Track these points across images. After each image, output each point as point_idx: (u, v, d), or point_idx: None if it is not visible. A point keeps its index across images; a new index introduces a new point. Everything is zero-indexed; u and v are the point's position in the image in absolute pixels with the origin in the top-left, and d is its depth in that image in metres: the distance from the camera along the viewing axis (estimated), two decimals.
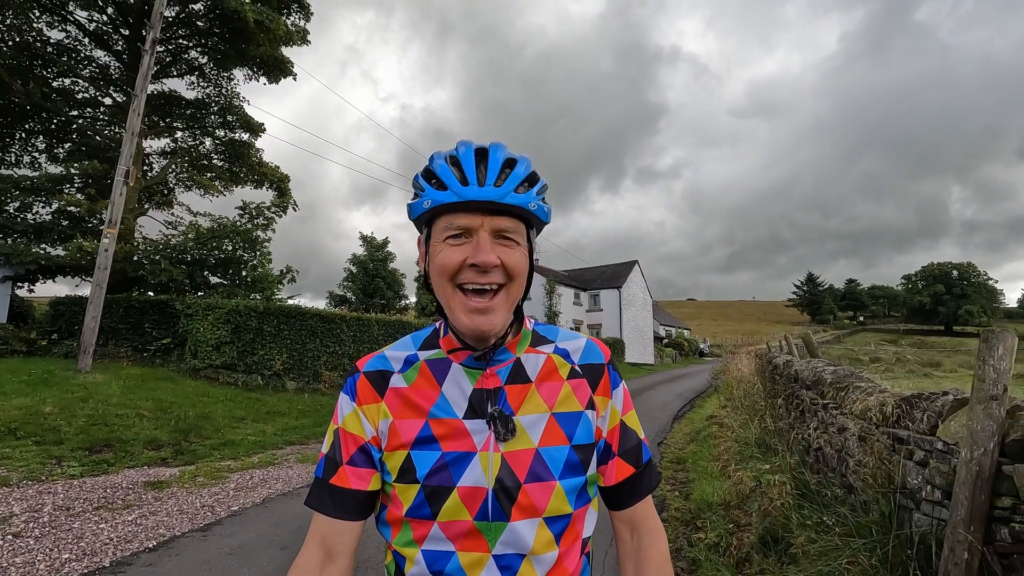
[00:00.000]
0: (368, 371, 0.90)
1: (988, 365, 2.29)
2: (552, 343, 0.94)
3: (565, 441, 0.85)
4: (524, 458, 0.83)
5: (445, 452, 0.82)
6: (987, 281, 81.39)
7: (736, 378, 11.78)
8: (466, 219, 0.79)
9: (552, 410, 0.87)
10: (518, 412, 0.85)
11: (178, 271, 12.82)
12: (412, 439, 0.84)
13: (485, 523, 0.81)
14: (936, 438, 2.68)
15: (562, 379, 0.90)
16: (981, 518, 2.19)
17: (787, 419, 5.80)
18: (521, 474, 0.82)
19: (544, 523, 0.82)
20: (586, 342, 0.96)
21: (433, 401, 0.86)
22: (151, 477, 6.02)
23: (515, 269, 0.81)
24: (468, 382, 0.87)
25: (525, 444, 0.83)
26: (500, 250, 0.80)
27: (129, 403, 8.38)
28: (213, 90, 16.00)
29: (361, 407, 0.88)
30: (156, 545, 4.15)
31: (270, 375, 11.84)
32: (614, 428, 0.92)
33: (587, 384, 0.90)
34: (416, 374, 0.89)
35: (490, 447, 0.83)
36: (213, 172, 16.63)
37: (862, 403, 3.51)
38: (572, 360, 0.92)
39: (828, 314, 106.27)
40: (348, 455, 0.86)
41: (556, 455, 0.84)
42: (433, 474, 0.82)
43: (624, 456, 0.91)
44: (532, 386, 0.88)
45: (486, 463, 0.82)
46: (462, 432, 0.83)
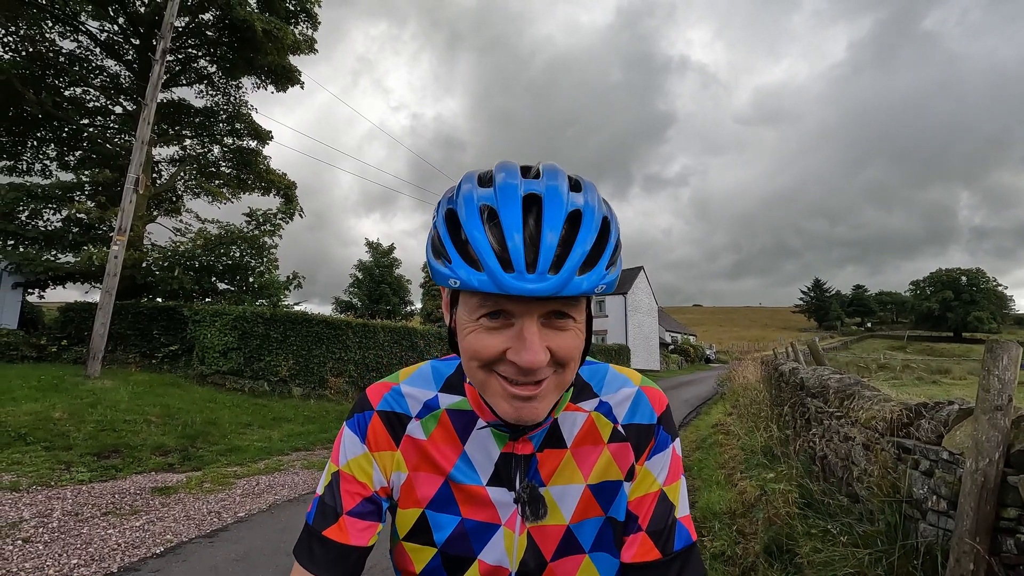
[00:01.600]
0: (383, 411, 0.78)
1: (992, 375, 2.29)
2: (596, 397, 0.78)
3: (600, 512, 0.74)
4: (553, 535, 0.73)
5: (465, 519, 0.73)
6: (996, 287, 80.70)
7: (742, 385, 11.72)
8: (508, 303, 0.61)
9: (588, 482, 0.74)
10: (549, 482, 0.74)
11: (186, 278, 12.95)
12: (429, 498, 0.74)
13: None
14: (942, 448, 2.68)
15: (602, 443, 0.76)
16: (987, 529, 2.19)
17: (793, 427, 5.78)
18: (548, 552, 0.73)
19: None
20: (635, 393, 0.79)
21: (453, 462, 0.75)
22: (159, 483, 6.05)
23: (566, 356, 0.64)
24: (495, 445, 0.75)
25: (556, 520, 0.73)
26: (549, 335, 0.63)
27: (137, 409, 8.44)
28: (221, 98, 16.19)
29: (374, 453, 0.76)
30: (163, 551, 4.17)
31: (276, 381, 11.89)
32: (647, 497, 0.75)
33: (630, 450, 0.76)
34: (435, 424, 0.77)
35: (516, 525, 0.73)
36: (221, 179, 16.80)
37: (867, 412, 3.50)
38: (615, 418, 0.77)
39: (835, 320, 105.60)
40: (351, 504, 0.74)
41: (588, 527, 0.74)
42: (452, 541, 0.73)
43: (653, 535, 0.73)
44: (568, 452, 0.75)
45: (510, 543, 0.73)
46: (485, 501, 0.73)
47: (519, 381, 0.63)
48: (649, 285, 45.80)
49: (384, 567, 3.79)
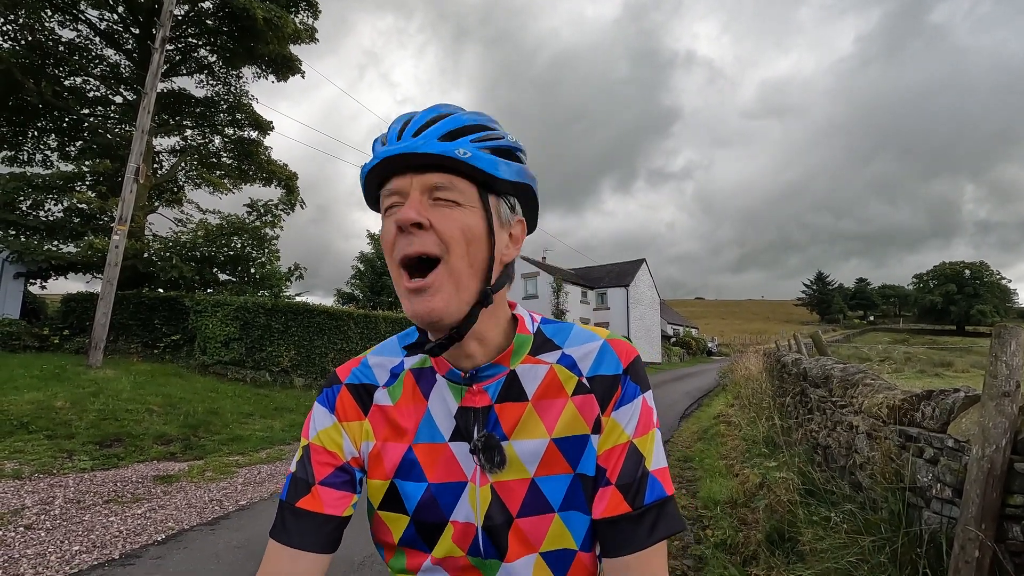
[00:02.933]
0: (350, 383, 0.78)
1: (1000, 361, 2.26)
2: (558, 349, 0.77)
3: (568, 469, 0.72)
4: (518, 489, 0.71)
5: (432, 484, 0.72)
6: (1000, 280, 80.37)
7: (744, 377, 11.72)
8: (396, 182, 0.67)
9: (552, 436, 0.72)
10: (512, 436, 0.72)
11: (188, 268, 12.95)
12: (395, 467, 0.74)
13: (479, 559, 0.72)
14: (947, 435, 2.65)
15: (566, 396, 0.74)
16: (993, 516, 2.16)
17: (795, 417, 5.77)
18: (514, 507, 0.71)
19: (542, 559, 0.72)
20: (601, 346, 0.77)
21: (418, 421, 0.75)
22: (160, 471, 6.08)
23: (446, 235, 0.65)
24: (453, 399, 0.74)
25: (519, 474, 0.72)
26: (434, 212, 0.66)
27: (139, 398, 8.46)
28: (222, 88, 16.11)
29: (343, 423, 0.76)
30: (165, 538, 4.19)
31: (278, 372, 11.93)
32: (615, 449, 0.72)
33: (595, 401, 0.74)
34: (401, 389, 0.77)
35: (478, 479, 0.72)
36: (222, 170, 16.75)
37: (871, 400, 3.47)
38: (580, 371, 0.75)
39: (838, 313, 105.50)
40: (324, 474, 0.73)
41: (556, 485, 0.72)
42: (423, 508, 0.73)
43: (623, 488, 0.70)
44: (529, 405, 0.73)
45: (474, 497, 0.72)
46: (449, 458, 0.73)
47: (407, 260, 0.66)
48: (651, 278, 45.76)
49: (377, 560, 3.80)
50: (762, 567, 3.10)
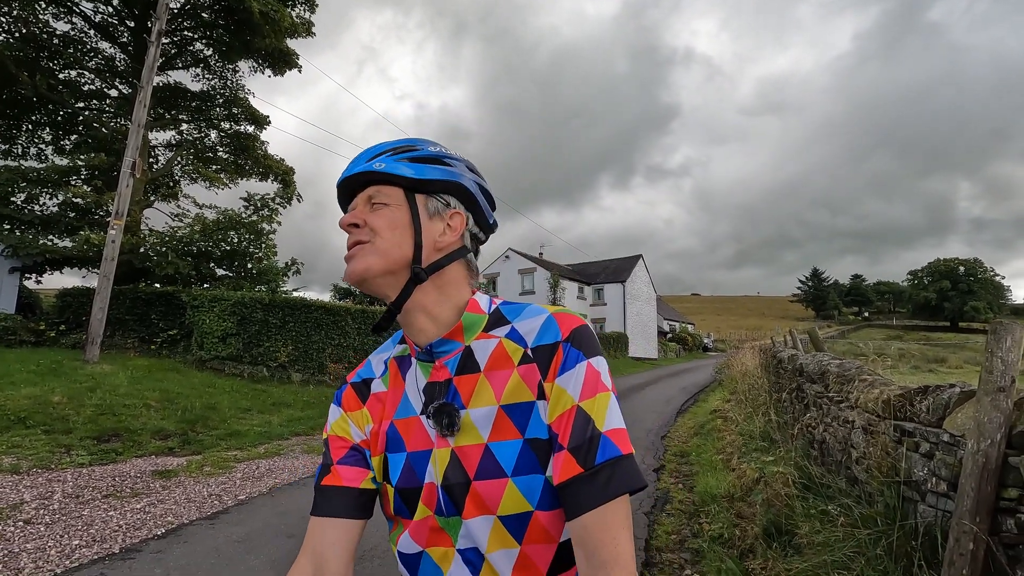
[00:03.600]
0: (355, 382, 0.93)
1: (996, 357, 2.28)
2: (508, 324, 0.84)
3: (518, 435, 0.77)
4: (473, 453, 0.78)
5: (409, 453, 0.82)
6: (994, 277, 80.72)
7: (740, 372, 11.78)
8: (354, 201, 0.86)
9: (500, 402, 0.78)
10: (469, 405, 0.80)
11: (184, 263, 12.89)
12: (384, 443, 0.85)
13: (443, 519, 0.79)
14: (942, 430, 2.68)
15: (512, 366, 0.80)
16: (987, 509, 2.19)
17: (791, 412, 5.81)
18: (471, 470, 0.77)
19: (499, 521, 0.76)
20: (545, 319, 0.82)
21: (399, 400, 0.87)
22: (159, 466, 6.09)
23: (375, 226, 0.82)
24: (423, 376, 0.85)
25: (474, 439, 0.78)
26: (369, 214, 0.83)
27: (136, 393, 8.46)
28: (218, 82, 16.02)
29: (348, 413, 0.90)
30: (164, 532, 4.20)
31: (275, 367, 11.91)
32: (564, 415, 0.75)
33: (537, 370, 0.79)
34: (389, 375, 0.91)
35: (437, 442, 0.81)
36: (218, 164, 16.67)
37: (867, 395, 3.51)
38: (526, 343, 0.81)
39: (832, 310, 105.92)
40: (339, 455, 0.86)
41: (508, 450, 0.77)
42: (403, 476, 0.82)
43: (573, 450, 0.73)
44: (481, 376, 0.81)
45: (434, 459, 0.80)
46: (419, 429, 0.83)
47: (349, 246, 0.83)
48: (648, 274, 45.83)
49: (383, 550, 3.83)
50: (759, 560, 3.13)
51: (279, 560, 3.74)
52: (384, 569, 3.62)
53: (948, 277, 79.48)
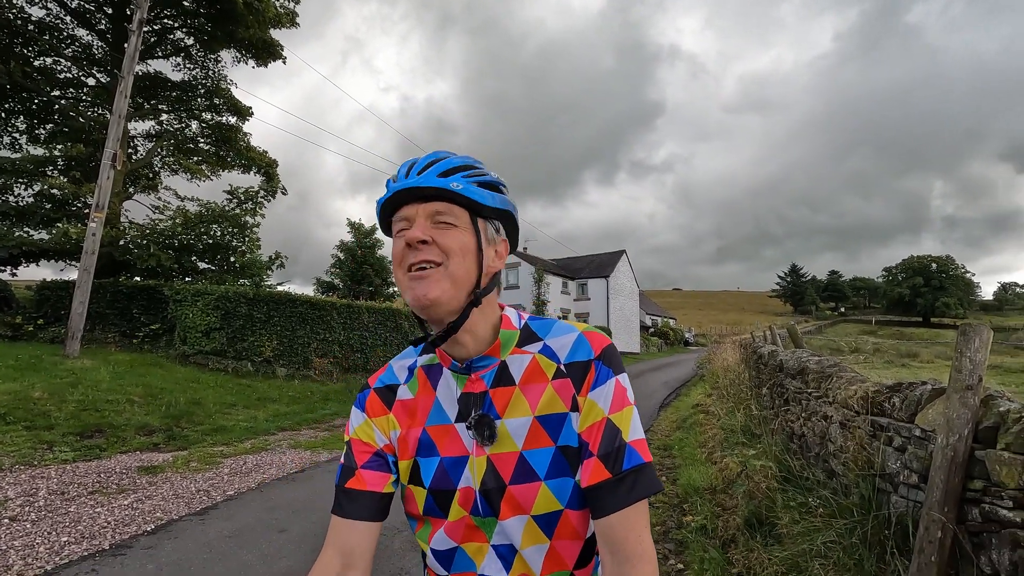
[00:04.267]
0: (378, 387, 0.96)
1: (965, 357, 2.42)
2: (540, 341, 0.91)
3: (550, 443, 0.85)
4: (509, 461, 0.85)
5: (443, 458, 0.88)
6: (965, 274, 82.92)
7: (722, 367, 12.00)
8: (405, 210, 0.84)
9: (535, 414, 0.86)
10: (504, 415, 0.86)
11: (166, 256, 12.68)
12: (416, 448, 0.90)
13: (479, 519, 0.86)
14: (914, 425, 2.83)
15: (547, 380, 0.87)
16: (955, 500, 2.33)
17: (772, 407, 5.98)
18: (506, 476, 0.85)
19: (532, 520, 0.85)
20: (576, 337, 0.90)
21: (430, 407, 0.91)
22: (144, 462, 6.05)
23: (448, 247, 0.81)
24: (456, 387, 0.90)
25: (509, 447, 0.85)
26: (435, 232, 0.82)
27: (119, 389, 8.35)
28: (200, 72, 15.71)
29: (372, 419, 0.93)
30: (154, 528, 4.20)
31: (260, 362, 11.83)
32: (594, 425, 0.84)
33: (571, 384, 0.86)
34: (417, 382, 0.94)
35: (475, 450, 0.87)
36: (199, 156, 16.38)
37: (845, 391, 3.66)
38: (559, 359, 0.88)
39: (810, 305, 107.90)
40: (363, 460, 0.90)
41: (541, 457, 0.85)
42: (437, 479, 0.87)
43: (603, 458, 0.82)
44: (516, 389, 0.87)
45: (472, 466, 0.86)
46: (455, 436, 0.88)
47: (412, 266, 0.81)
48: (631, 269, 46.20)
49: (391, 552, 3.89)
50: (741, 550, 3.26)
51: (272, 555, 3.78)
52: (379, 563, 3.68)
53: (921, 274, 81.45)
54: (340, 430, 8.46)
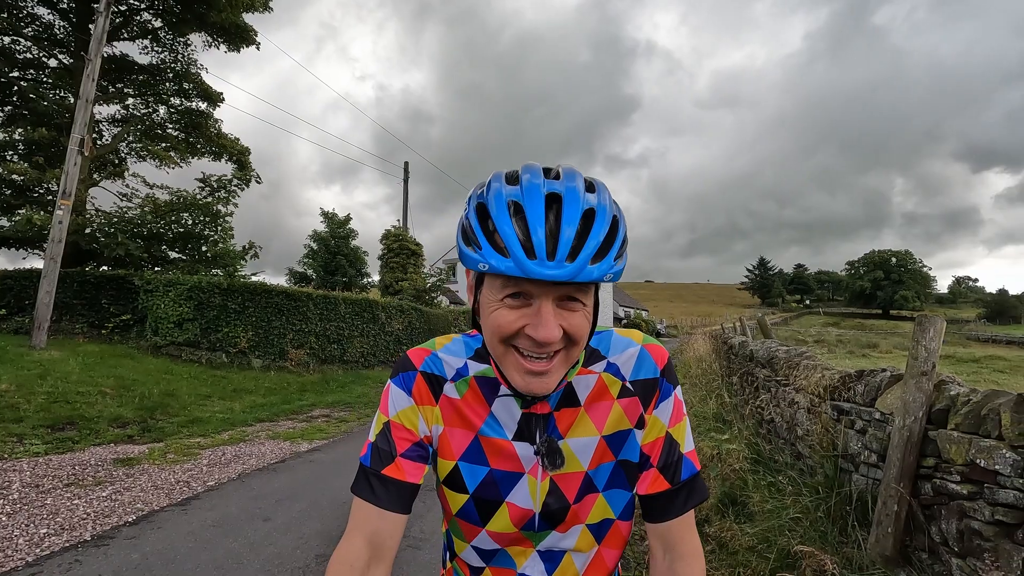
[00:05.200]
0: (424, 371, 0.89)
1: (921, 345, 2.63)
2: (604, 359, 0.89)
3: (612, 458, 0.86)
4: (574, 480, 0.85)
5: (494, 469, 0.85)
6: (922, 268, 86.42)
7: (694, 357, 12.34)
8: (529, 286, 0.71)
9: (603, 433, 0.86)
10: (567, 435, 0.85)
11: (135, 245, 12.34)
12: (462, 451, 0.86)
13: (531, 532, 0.87)
14: (874, 409, 3.05)
15: (612, 399, 0.87)
16: (910, 476, 2.55)
17: (742, 395, 6.24)
18: (570, 495, 0.85)
19: (587, 529, 0.87)
20: (639, 352, 0.89)
21: (483, 419, 0.86)
22: (119, 454, 5.98)
23: (577, 334, 0.74)
24: (517, 407, 0.85)
25: (574, 467, 0.85)
26: (562, 316, 0.72)
27: (90, 380, 8.17)
28: (168, 56, 15.21)
29: (419, 406, 0.87)
30: (136, 519, 4.18)
31: (235, 353, 11.67)
32: (656, 440, 0.87)
33: (639, 403, 0.87)
34: (467, 388, 0.88)
35: (538, 473, 0.84)
36: (168, 142, 15.89)
37: (811, 379, 3.88)
38: (623, 376, 0.88)
39: (777, 297, 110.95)
40: (404, 447, 0.85)
41: (602, 471, 0.86)
42: (483, 487, 0.85)
43: (663, 470, 0.86)
44: (581, 410, 0.86)
45: (534, 489, 0.84)
46: (511, 454, 0.85)
47: (534, 355, 0.73)
48: None
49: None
50: (714, 527, 3.45)
51: (258, 543, 3.81)
52: None
53: (882, 267, 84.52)
54: (318, 421, 8.46)
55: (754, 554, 2.71)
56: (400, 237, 23.73)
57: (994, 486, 2.11)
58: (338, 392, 11.21)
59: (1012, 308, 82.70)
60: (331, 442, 7.06)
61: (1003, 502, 2.07)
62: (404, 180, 25.71)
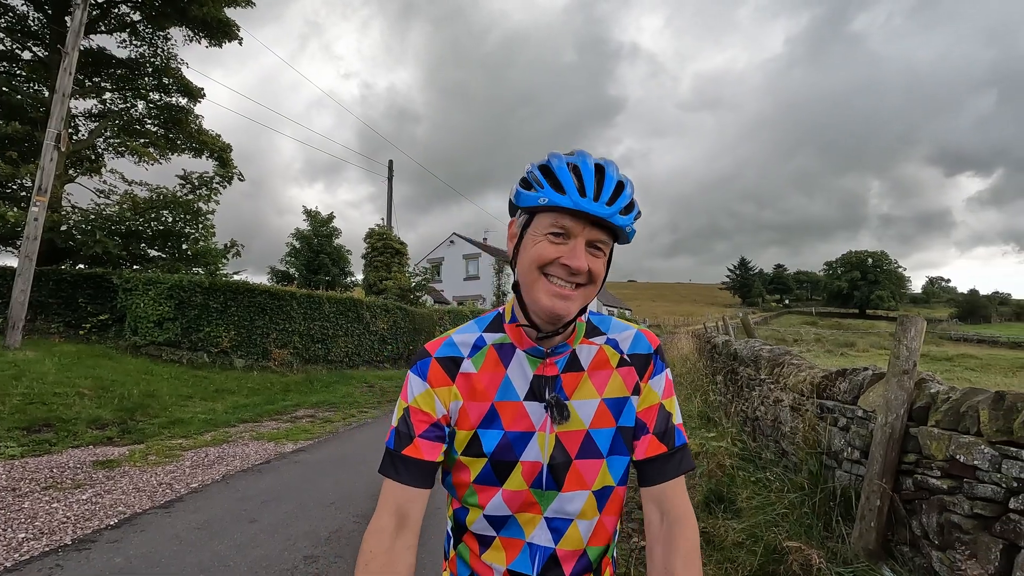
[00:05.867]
0: (439, 356, 0.99)
1: (902, 344, 2.70)
2: (604, 334, 1.03)
3: (612, 423, 0.97)
4: (576, 438, 0.95)
5: (508, 431, 0.94)
6: (897, 269, 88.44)
7: (678, 357, 12.47)
8: (571, 223, 0.87)
9: (603, 396, 0.97)
10: (571, 397, 0.96)
11: (113, 243, 12.07)
12: (479, 420, 0.95)
13: (539, 491, 0.95)
14: (857, 407, 3.12)
15: (612, 368, 1.00)
16: (892, 472, 2.62)
17: (727, 393, 6.33)
18: (573, 451, 0.95)
19: (592, 495, 0.96)
20: (635, 333, 1.04)
21: (498, 384, 0.97)
22: (99, 456, 5.85)
23: (597, 275, 0.90)
24: (529, 368, 0.97)
25: (577, 426, 0.95)
26: (588, 257, 0.88)
27: (67, 381, 7.99)
28: (147, 50, 14.90)
29: (434, 389, 0.97)
30: (118, 522, 4.10)
31: (217, 352, 11.49)
32: (651, 408, 0.99)
33: (635, 372, 1.00)
34: (484, 358, 0.99)
35: (547, 428, 0.95)
36: (147, 138, 15.56)
37: (795, 378, 3.96)
38: (621, 350, 1.02)
39: (757, 297, 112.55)
40: (422, 429, 0.95)
41: (604, 436, 0.96)
42: (499, 450, 0.94)
43: (658, 436, 0.98)
44: (585, 374, 0.98)
45: (543, 442, 0.94)
46: (523, 413, 0.95)
47: (564, 281, 0.88)
48: None
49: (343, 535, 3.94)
50: (701, 524, 3.51)
51: (245, 544, 3.77)
52: None
53: (859, 268, 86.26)
54: (303, 421, 8.37)
55: (742, 549, 2.77)
56: (384, 236, 23.57)
57: (973, 481, 2.18)
58: (322, 392, 11.10)
59: (983, 308, 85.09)
60: (316, 442, 7.00)
61: (981, 496, 2.14)
62: (388, 178, 25.54)
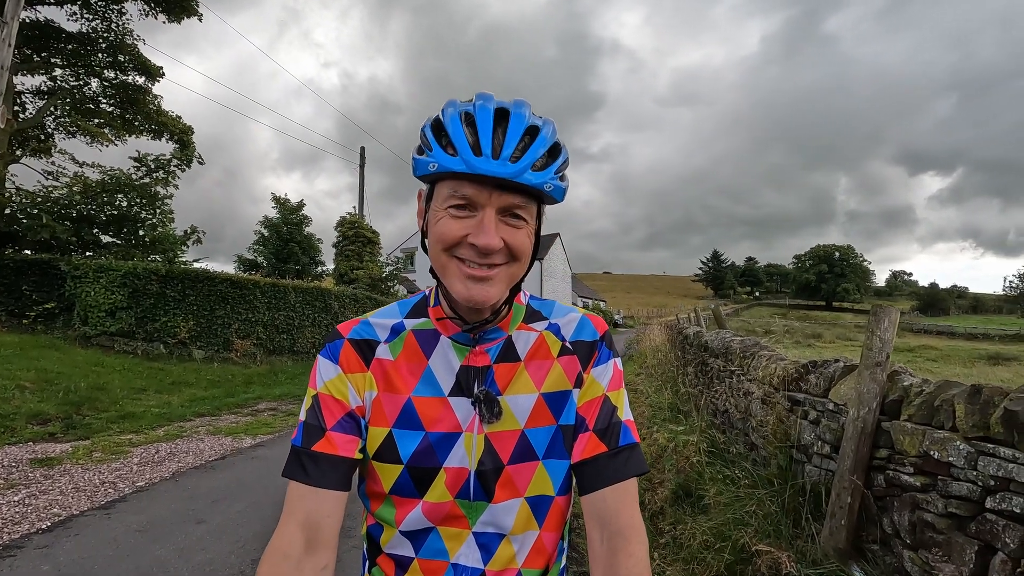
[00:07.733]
0: (352, 338, 0.84)
1: (875, 336, 2.60)
2: (545, 319, 0.89)
3: (552, 421, 0.83)
4: (509, 439, 0.80)
5: (429, 433, 0.79)
6: (863, 263, 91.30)
7: (650, 348, 12.49)
8: (472, 191, 0.71)
9: (541, 390, 0.83)
10: (505, 392, 0.82)
11: (61, 228, 11.43)
12: (395, 418, 0.80)
13: (466, 502, 0.80)
14: (828, 399, 3.03)
15: (552, 357, 0.85)
16: (863, 467, 2.53)
17: (697, 385, 6.28)
18: (505, 455, 0.80)
19: (526, 503, 0.81)
20: (580, 317, 0.90)
21: (419, 376, 0.82)
22: (38, 454, 5.50)
23: (519, 250, 0.74)
24: (456, 358, 0.83)
25: (511, 425, 0.81)
26: (505, 230, 0.73)
27: (7, 373, 7.52)
28: (101, 24, 14.11)
29: (347, 375, 0.81)
30: (51, 526, 3.82)
31: (174, 343, 11.03)
32: (593, 401, 0.84)
33: (578, 362, 0.86)
34: (402, 345, 0.84)
35: (475, 428, 0.80)
36: (101, 118, 14.79)
37: (765, 369, 3.87)
38: (563, 336, 0.88)
39: (729, 289, 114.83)
40: (333, 420, 0.79)
41: (541, 435, 0.82)
42: (418, 455, 0.79)
43: (599, 433, 0.82)
44: (521, 365, 0.84)
45: (470, 445, 0.80)
46: (447, 410, 0.80)
47: (475, 263, 0.72)
48: (564, 252, 47.03)
49: None
50: (669, 520, 3.41)
51: (189, 548, 3.54)
52: None
53: (826, 261, 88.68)
54: (264, 415, 8.07)
55: (710, 551, 2.65)
56: (356, 224, 23.07)
57: (947, 478, 2.09)
58: (287, 384, 10.76)
59: (942, 301, 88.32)
60: (277, 436, 6.73)
61: (956, 494, 2.04)
62: (360, 165, 24.99)
